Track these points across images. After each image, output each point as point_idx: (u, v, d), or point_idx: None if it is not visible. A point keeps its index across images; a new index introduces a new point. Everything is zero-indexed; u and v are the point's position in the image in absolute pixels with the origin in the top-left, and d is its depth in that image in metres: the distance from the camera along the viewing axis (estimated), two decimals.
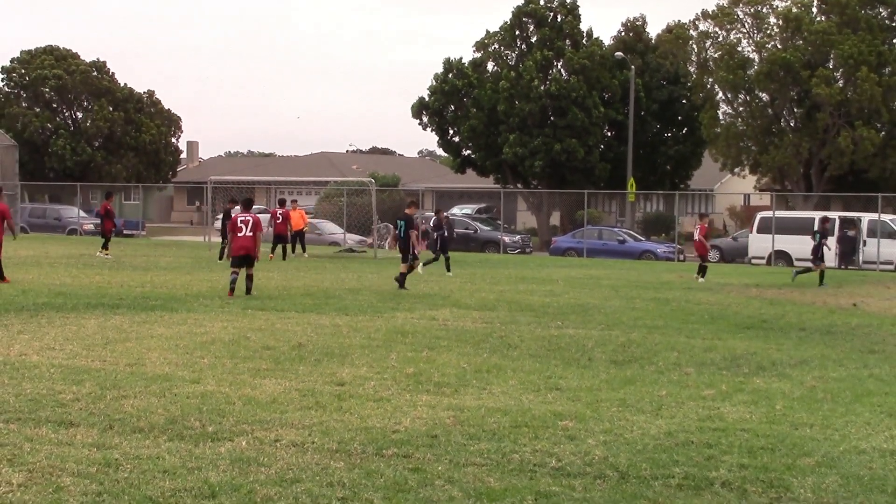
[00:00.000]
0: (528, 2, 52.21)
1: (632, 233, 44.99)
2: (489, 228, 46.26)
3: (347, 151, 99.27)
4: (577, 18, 52.57)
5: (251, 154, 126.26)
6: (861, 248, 37.07)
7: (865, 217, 37.70)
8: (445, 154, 61.75)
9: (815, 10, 47.44)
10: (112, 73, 65.89)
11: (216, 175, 59.68)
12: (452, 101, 53.91)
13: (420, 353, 11.93)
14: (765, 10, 48.26)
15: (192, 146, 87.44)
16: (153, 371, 10.34)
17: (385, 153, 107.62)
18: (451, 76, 53.65)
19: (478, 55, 54.32)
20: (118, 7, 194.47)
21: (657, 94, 53.30)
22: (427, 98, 54.29)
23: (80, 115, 64.88)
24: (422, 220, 44.95)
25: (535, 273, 26.83)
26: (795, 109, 47.52)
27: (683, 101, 53.93)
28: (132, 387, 9.42)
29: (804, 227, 37.83)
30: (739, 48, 48.34)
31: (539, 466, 7.03)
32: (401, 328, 14.29)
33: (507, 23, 52.93)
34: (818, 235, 26.36)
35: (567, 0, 52.14)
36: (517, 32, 52.79)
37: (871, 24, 45.25)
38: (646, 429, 8.22)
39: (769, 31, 48.03)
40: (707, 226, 27.74)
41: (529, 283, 23.90)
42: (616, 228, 46.15)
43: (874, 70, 43.74)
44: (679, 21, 52.18)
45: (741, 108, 48.72)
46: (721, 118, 49.42)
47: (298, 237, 33.48)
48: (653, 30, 69.79)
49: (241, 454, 7.13)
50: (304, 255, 32.67)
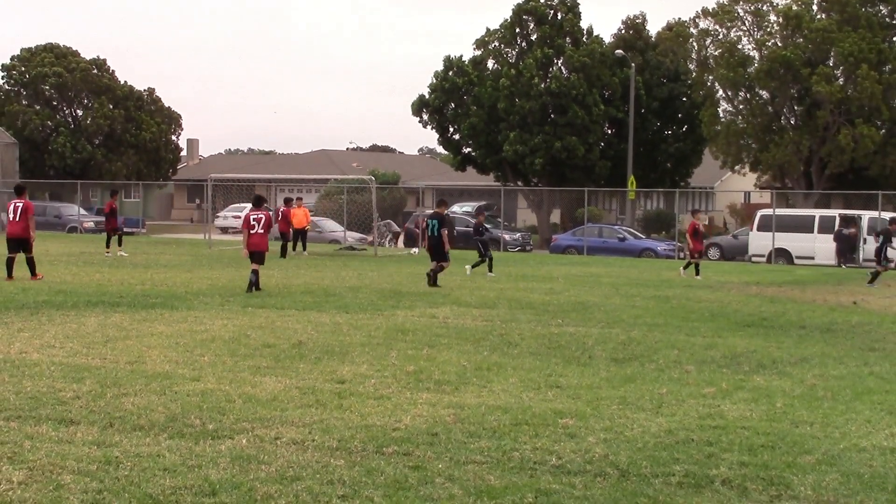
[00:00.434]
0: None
1: (632, 231, 44.99)
2: (489, 226, 46.22)
3: (348, 149, 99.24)
4: (578, 16, 52.57)
5: (251, 152, 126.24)
6: (861, 246, 37.05)
7: (865, 215, 37.68)
8: (446, 152, 61.76)
9: (816, 8, 47.46)
10: (112, 71, 65.93)
11: (216, 173, 59.76)
12: (453, 99, 53.91)
13: (420, 351, 11.92)
14: (765, 8, 48.28)
15: (193, 144, 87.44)
16: (153, 369, 10.34)
17: (385, 151, 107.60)
18: (452, 74, 53.65)
19: (478, 53, 54.33)
20: (118, 5, 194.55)
21: (657, 92, 53.29)
22: (427, 96, 54.29)
23: (81, 113, 64.89)
24: (422, 219, 45.01)
25: (536, 271, 26.83)
26: (796, 107, 47.54)
27: (684, 99, 53.94)
28: (132, 385, 9.42)
29: (804, 225, 37.93)
30: (740, 46, 48.35)
31: (539, 464, 7.03)
32: (401, 326, 14.29)
33: (508, 20, 52.93)
34: (882, 237, 26.16)
35: None
36: (517, 30, 52.78)
37: (872, 22, 45.26)
38: (646, 427, 8.22)
39: (769, 29, 48.04)
40: (696, 222, 27.54)
41: (530, 281, 23.90)
42: (616, 226, 46.16)
43: (874, 68, 43.75)
44: (679, 19, 52.23)
45: (741, 106, 48.74)
46: (721, 116, 49.43)
47: (301, 235, 33.52)
48: (653, 27, 69.77)
49: (242, 452, 7.13)
50: (304, 254, 32.70)
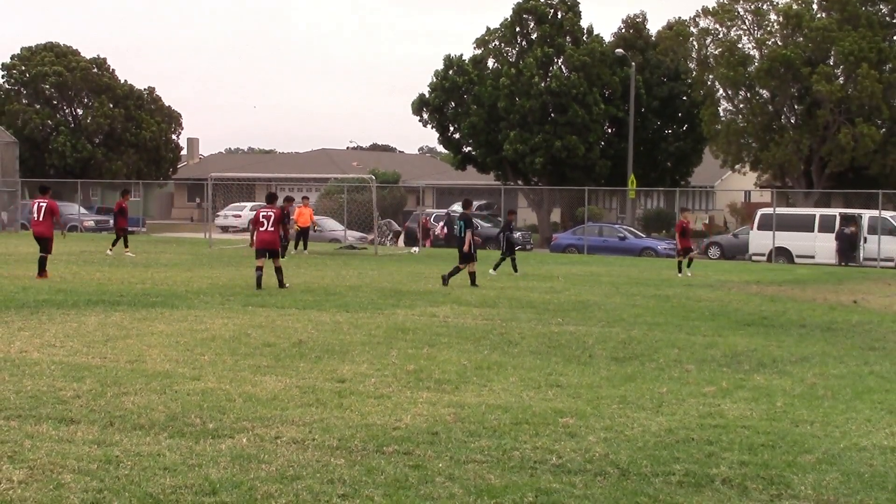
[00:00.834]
0: None
1: (632, 230, 44.96)
2: (489, 225, 46.18)
3: (348, 148, 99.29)
4: (578, 15, 52.57)
5: (251, 151, 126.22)
6: (861, 245, 37.05)
7: (866, 214, 37.67)
8: (446, 151, 61.77)
9: (816, 7, 47.45)
10: (112, 70, 65.91)
11: (216, 172, 59.76)
12: (453, 98, 53.90)
13: (421, 350, 11.92)
14: (765, 7, 48.27)
15: (193, 143, 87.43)
16: (154, 368, 10.33)
17: (385, 150, 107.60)
18: (452, 73, 53.64)
19: (478, 52, 54.31)
20: (118, 4, 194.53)
21: (658, 91, 53.28)
22: (427, 95, 54.27)
23: (81, 112, 64.87)
24: (424, 217, 45.00)
25: (536, 270, 26.80)
26: (796, 106, 47.53)
27: (684, 98, 53.93)
28: (133, 384, 9.42)
29: (805, 224, 37.92)
30: (740, 45, 48.35)
31: (539, 463, 7.03)
32: (401, 325, 14.29)
33: (508, 19, 52.91)
34: None
35: None
36: (518, 29, 52.77)
37: (872, 21, 45.24)
38: (646, 426, 8.22)
39: (770, 28, 48.03)
40: (684, 221, 27.75)
41: (530, 280, 23.89)
42: (617, 225, 46.14)
43: (874, 67, 43.74)
44: (679, 18, 52.23)
45: (742, 105, 48.73)
46: (721, 115, 49.43)
47: (303, 234, 33.58)
48: (653, 26, 69.67)
49: (242, 451, 7.13)
50: (305, 253, 32.72)
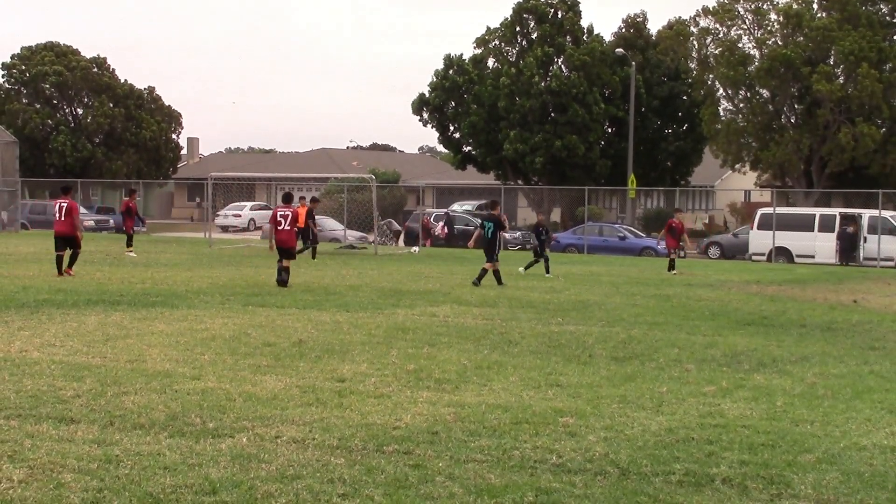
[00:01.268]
0: None
1: (632, 229, 44.97)
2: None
3: (348, 148, 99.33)
4: (578, 15, 52.59)
5: (251, 150, 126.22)
6: (862, 245, 37.05)
7: (866, 213, 37.67)
8: (446, 150, 61.79)
9: (816, 7, 47.47)
10: (112, 70, 65.91)
11: (216, 171, 59.75)
12: (453, 98, 53.91)
13: (421, 350, 11.92)
14: (765, 7, 48.29)
15: (193, 142, 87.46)
16: (154, 367, 10.33)
17: (385, 149, 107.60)
18: (452, 73, 53.66)
19: (478, 52, 54.33)
20: (118, 4, 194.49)
21: (658, 91, 53.29)
22: (427, 94, 54.29)
23: (81, 112, 64.88)
24: (425, 217, 45.00)
25: (536, 269, 26.78)
26: (796, 106, 47.54)
27: (684, 98, 53.95)
28: (133, 383, 9.42)
29: (805, 224, 37.92)
30: (740, 44, 48.37)
31: (539, 463, 7.02)
32: (401, 325, 14.28)
33: (508, 19, 52.94)
34: None
35: None
36: (518, 29, 52.78)
37: (872, 21, 45.25)
38: (646, 425, 8.22)
39: (770, 28, 48.05)
40: (673, 220, 28.27)
41: (530, 280, 23.90)
42: (617, 225, 46.13)
43: (875, 66, 43.75)
44: (680, 17, 52.27)
45: (742, 105, 48.74)
46: (722, 114, 49.44)
47: (301, 234, 33.48)
48: (653, 26, 69.61)
49: (242, 451, 7.13)
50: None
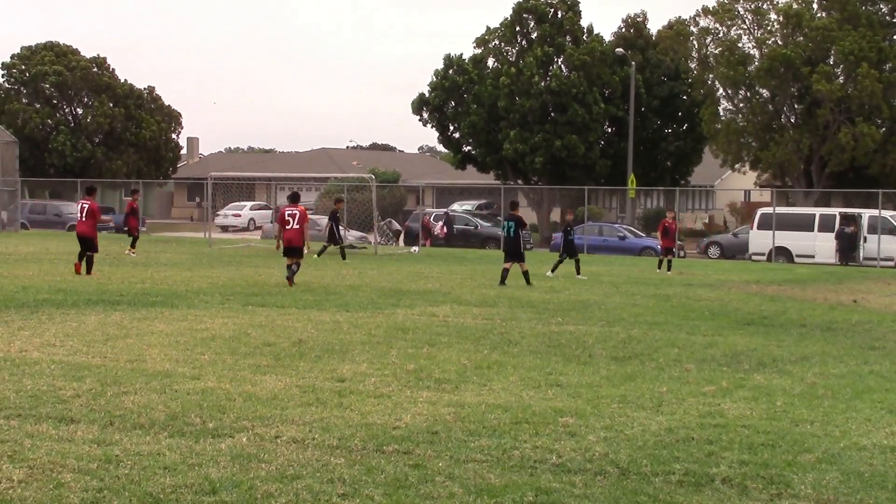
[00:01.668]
0: None
1: (632, 229, 44.97)
2: (489, 224, 46.21)
3: (348, 147, 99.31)
4: (578, 15, 52.57)
5: (251, 150, 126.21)
6: (861, 245, 37.05)
7: (866, 213, 37.67)
8: (446, 150, 61.76)
9: (816, 7, 47.46)
10: (112, 70, 65.85)
11: (216, 171, 59.75)
12: (453, 98, 53.89)
13: (420, 350, 11.92)
14: (765, 7, 48.28)
15: (193, 142, 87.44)
16: (153, 367, 10.33)
17: (385, 149, 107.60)
18: (452, 72, 53.64)
19: (478, 51, 54.31)
20: (118, 4, 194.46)
21: (658, 91, 53.28)
22: (427, 94, 54.27)
23: (81, 112, 64.84)
24: (425, 216, 44.98)
25: (536, 269, 26.75)
26: (796, 106, 47.54)
27: (684, 98, 53.93)
28: (132, 383, 9.42)
29: (804, 224, 37.93)
30: (740, 44, 48.36)
31: (539, 463, 7.03)
32: (401, 325, 14.29)
33: (508, 19, 52.91)
34: None
35: None
36: (517, 29, 52.76)
37: (872, 21, 45.25)
38: (646, 425, 8.22)
39: (770, 28, 48.04)
40: (666, 221, 28.62)
41: (530, 279, 23.85)
42: (616, 225, 46.13)
43: (875, 66, 43.74)
44: (679, 17, 52.28)
45: (742, 105, 48.73)
46: (721, 114, 49.43)
47: None
48: (653, 26, 69.56)
49: (242, 451, 7.13)
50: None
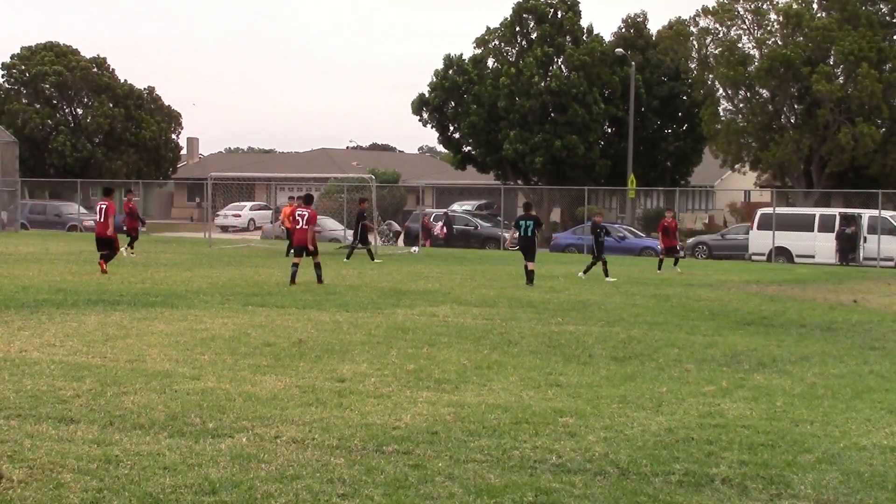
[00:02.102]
0: None
1: (632, 229, 44.95)
2: (489, 225, 46.22)
3: (347, 148, 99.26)
4: (578, 15, 52.56)
5: (251, 150, 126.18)
6: (861, 245, 37.04)
7: (866, 213, 37.65)
8: (446, 150, 61.75)
9: (816, 7, 47.44)
10: (112, 70, 65.86)
11: (216, 171, 59.75)
12: (453, 98, 53.88)
13: (420, 350, 11.92)
14: (765, 7, 48.26)
15: (193, 142, 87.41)
16: (153, 367, 10.33)
17: (385, 149, 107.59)
18: (452, 73, 53.62)
19: (478, 52, 54.29)
20: (118, 3, 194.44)
21: (658, 91, 53.27)
22: (427, 94, 54.25)
23: (81, 112, 64.84)
24: (425, 217, 44.97)
25: (536, 269, 26.74)
26: (796, 106, 47.52)
27: (684, 98, 53.92)
28: (132, 383, 9.42)
29: (804, 224, 37.89)
30: (740, 44, 48.34)
31: (539, 463, 7.03)
32: (401, 325, 14.28)
33: (508, 19, 52.90)
34: None
35: None
36: (517, 29, 52.75)
37: (872, 21, 45.24)
38: (646, 425, 8.22)
39: (769, 28, 48.03)
40: (665, 221, 28.85)
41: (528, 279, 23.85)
42: (616, 225, 46.11)
43: (874, 66, 43.73)
44: (679, 17, 52.22)
45: (742, 105, 48.72)
46: (721, 114, 49.41)
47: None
48: (653, 26, 69.49)
49: (242, 451, 7.13)
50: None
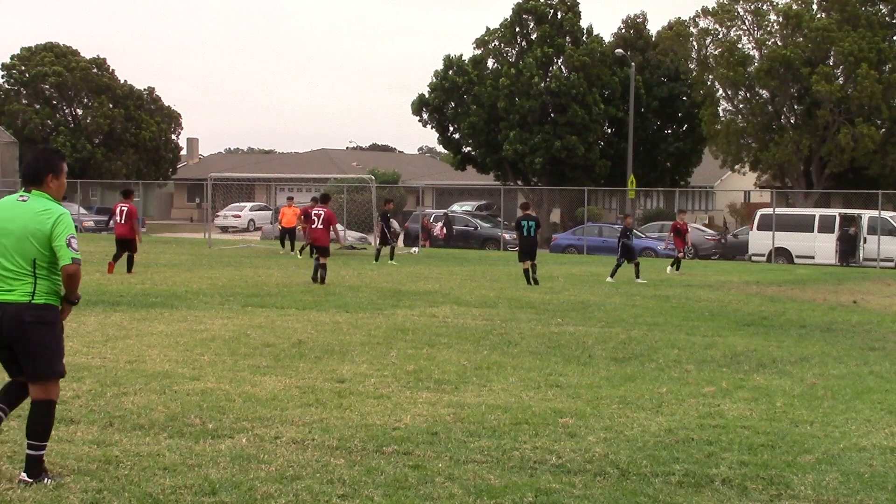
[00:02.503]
0: None
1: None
2: (489, 225, 46.23)
3: (347, 148, 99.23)
4: (578, 15, 52.56)
5: (251, 151, 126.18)
6: (861, 246, 37.04)
7: (865, 214, 37.66)
8: (446, 151, 61.75)
9: (816, 7, 47.44)
10: (112, 70, 65.94)
11: (216, 172, 59.74)
12: (453, 98, 53.88)
13: (420, 351, 11.92)
14: (765, 7, 48.27)
15: (193, 143, 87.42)
16: (153, 368, 10.33)
17: (385, 150, 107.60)
18: (452, 73, 53.62)
19: (478, 52, 54.30)
20: (118, 4, 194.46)
21: (657, 91, 53.28)
22: (427, 95, 54.26)
23: (81, 112, 64.89)
24: (425, 217, 44.96)
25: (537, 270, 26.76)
26: (796, 106, 47.52)
27: (684, 98, 53.92)
28: (132, 384, 9.42)
29: (804, 225, 37.90)
30: (740, 45, 48.34)
31: (539, 463, 7.02)
32: (401, 325, 14.28)
33: (508, 19, 52.90)
34: None
35: None
36: (517, 29, 52.75)
37: (872, 21, 45.24)
38: (646, 426, 8.22)
39: (769, 28, 48.03)
40: (678, 222, 28.77)
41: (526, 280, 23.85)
42: (616, 225, 46.09)
43: (874, 67, 43.73)
44: (679, 18, 52.19)
45: (741, 105, 48.73)
46: (721, 115, 49.42)
47: (288, 235, 33.59)
48: (653, 27, 69.63)
49: (242, 451, 7.13)
50: (293, 254, 32.65)
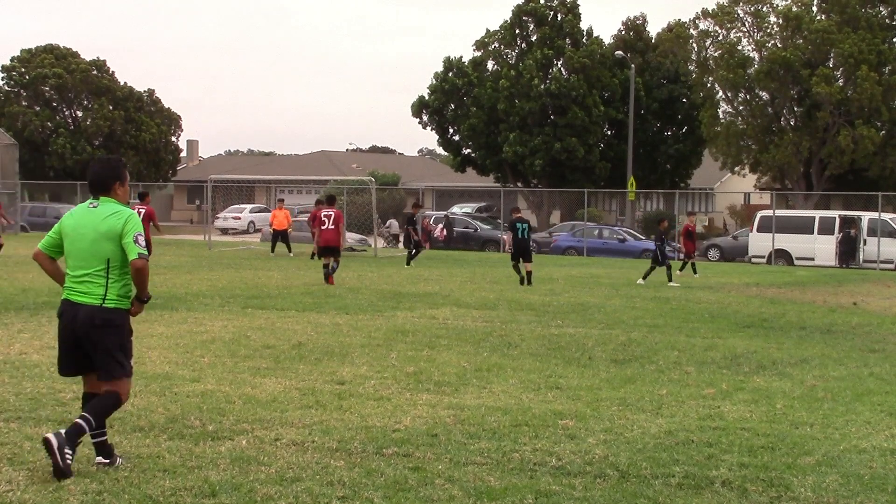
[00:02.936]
0: (529, 0, 52.21)
1: (632, 231, 44.97)
2: (489, 227, 46.23)
3: (347, 150, 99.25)
4: (578, 17, 52.60)
5: (251, 153, 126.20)
6: (861, 247, 37.06)
7: (865, 216, 37.67)
8: (445, 153, 61.79)
9: (816, 9, 47.47)
10: (112, 72, 65.88)
11: (216, 174, 59.74)
12: (452, 100, 53.93)
13: (420, 352, 11.92)
14: (765, 9, 48.30)
15: (192, 145, 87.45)
16: (153, 370, 10.33)
17: (385, 152, 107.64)
18: (452, 75, 53.68)
19: (478, 54, 54.35)
20: (118, 5, 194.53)
21: (657, 93, 53.32)
22: (427, 97, 54.31)
23: (81, 114, 64.86)
24: (425, 219, 44.98)
25: (536, 272, 26.78)
26: (795, 108, 47.55)
27: (683, 100, 53.96)
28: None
29: (804, 226, 37.92)
30: (740, 47, 48.37)
31: (539, 465, 7.02)
32: (401, 327, 14.28)
33: (508, 21, 52.96)
34: None
35: None
36: (517, 31, 52.81)
37: (872, 23, 45.28)
38: (646, 428, 8.22)
39: (769, 30, 48.06)
40: (689, 224, 28.22)
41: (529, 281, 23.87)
42: (616, 227, 46.13)
43: (874, 69, 43.76)
44: (679, 20, 52.25)
45: (741, 107, 48.75)
46: (721, 117, 49.44)
47: (281, 236, 33.64)
48: (653, 28, 69.81)
49: (242, 453, 7.13)
50: (290, 255, 32.67)
